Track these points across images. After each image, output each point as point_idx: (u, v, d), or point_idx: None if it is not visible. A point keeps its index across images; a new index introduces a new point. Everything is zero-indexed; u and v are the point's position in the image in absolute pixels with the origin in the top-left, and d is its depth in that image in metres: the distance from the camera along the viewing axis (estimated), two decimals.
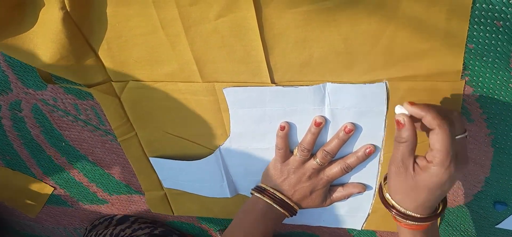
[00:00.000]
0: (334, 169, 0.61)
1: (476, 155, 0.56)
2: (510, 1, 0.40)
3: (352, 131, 0.57)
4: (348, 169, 0.60)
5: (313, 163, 0.60)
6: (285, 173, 0.62)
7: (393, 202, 0.52)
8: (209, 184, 0.71)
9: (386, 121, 0.54)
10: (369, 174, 0.62)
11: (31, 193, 0.87)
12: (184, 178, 0.72)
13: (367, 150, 0.58)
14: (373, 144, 0.58)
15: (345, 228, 0.76)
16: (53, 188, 0.85)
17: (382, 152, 0.58)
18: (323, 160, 0.60)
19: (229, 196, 0.72)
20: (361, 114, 0.54)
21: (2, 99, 0.67)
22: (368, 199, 0.66)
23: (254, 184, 0.67)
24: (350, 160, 0.59)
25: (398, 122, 0.48)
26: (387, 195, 0.53)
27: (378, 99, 0.52)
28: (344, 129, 0.57)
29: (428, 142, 0.47)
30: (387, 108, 0.53)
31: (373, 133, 0.56)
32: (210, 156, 0.66)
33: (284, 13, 0.46)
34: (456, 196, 0.63)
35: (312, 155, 0.60)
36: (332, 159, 0.60)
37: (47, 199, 0.88)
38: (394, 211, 0.52)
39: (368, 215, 0.69)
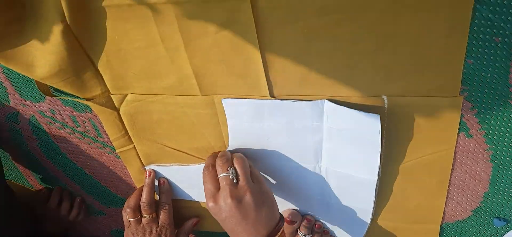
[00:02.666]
0: None
1: (475, 170, 0.56)
2: (508, 17, 0.40)
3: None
4: None
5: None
6: None
7: None
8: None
9: (383, 152, 0.54)
10: (366, 199, 0.62)
11: None
12: (181, 185, 0.72)
13: None
14: None
15: None
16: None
17: (378, 185, 0.58)
18: None
19: None
20: (356, 139, 0.54)
21: None
22: (365, 220, 0.66)
23: None
24: None
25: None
26: None
27: (373, 130, 0.52)
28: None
29: (430, 156, 0.47)
30: (383, 136, 0.53)
31: (368, 161, 0.56)
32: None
33: (284, 27, 0.46)
34: (455, 212, 0.63)
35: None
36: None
37: None
38: None
39: (366, 233, 0.69)
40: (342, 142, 0.56)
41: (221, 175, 0.57)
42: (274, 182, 0.66)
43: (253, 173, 0.59)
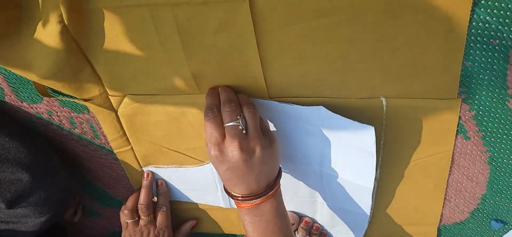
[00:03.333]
0: None
1: (472, 172, 0.56)
2: (506, 20, 0.40)
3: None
4: None
5: None
6: None
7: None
8: (203, 192, 0.71)
9: (381, 154, 0.54)
10: (363, 204, 0.62)
11: None
12: (178, 187, 0.71)
13: None
14: None
15: None
16: None
17: (375, 189, 0.59)
18: None
19: (223, 206, 0.72)
20: (353, 147, 0.54)
21: None
22: (363, 223, 0.66)
23: None
24: None
25: None
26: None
27: (367, 141, 0.52)
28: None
29: (428, 158, 0.47)
30: (381, 138, 0.53)
31: (365, 169, 0.56)
32: (204, 166, 0.65)
33: (282, 29, 0.46)
34: (453, 213, 0.63)
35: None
36: None
37: None
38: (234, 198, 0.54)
39: (363, 235, 0.69)
40: (339, 148, 0.56)
41: (229, 123, 0.50)
42: None
43: (263, 126, 0.55)
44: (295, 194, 0.66)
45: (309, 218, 0.70)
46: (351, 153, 0.55)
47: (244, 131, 0.51)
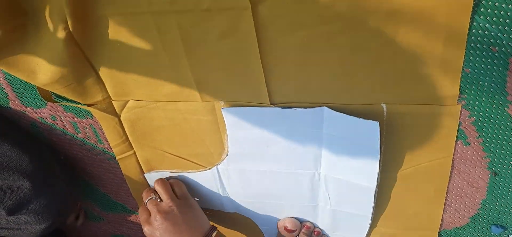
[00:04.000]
0: None
1: (472, 178, 0.57)
2: (505, 27, 0.41)
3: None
4: None
5: None
6: None
7: None
8: (207, 196, 0.71)
9: (381, 159, 0.55)
10: (365, 206, 0.62)
11: None
12: None
13: None
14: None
15: None
16: None
17: (377, 189, 0.59)
18: None
19: (225, 210, 0.72)
20: (356, 146, 0.55)
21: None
22: (364, 226, 0.66)
23: (252, 206, 0.68)
24: None
25: None
26: None
27: (372, 137, 0.52)
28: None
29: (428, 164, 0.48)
30: (381, 143, 0.53)
31: (368, 169, 0.57)
32: (206, 171, 0.66)
33: (284, 36, 0.47)
34: (453, 218, 0.63)
35: None
36: None
37: None
38: None
39: None
40: (341, 149, 0.56)
41: (146, 200, 0.64)
42: (272, 188, 0.66)
43: (179, 191, 0.66)
44: (296, 200, 0.67)
45: (310, 223, 0.70)
46: (354, 153, 0.56)
47: (158, 200, 0.64)
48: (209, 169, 0.65)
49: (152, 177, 0.70)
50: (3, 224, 0.62)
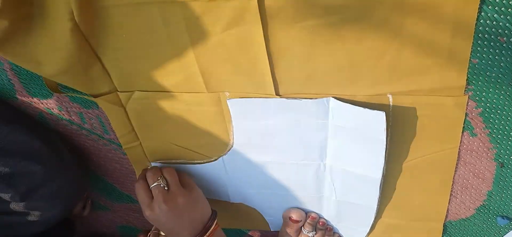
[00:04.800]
0: None
1: (478, 169, 0.57)
2: None
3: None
4: None
5: None
6: None
7: None
8: (212, 186, 0.71)
9: (387, 150, 0.55)
10: (370, 196, 0.63)
11: None
12: None
13: None
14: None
15: None
16: None
17: (382, 182, 0.59)
18: None
19: (231, 201, 0.73)
20: (362, 137, 0.55)
21: None
22: (370, 217, 0.66)
23: (258, 196, 0.68)
24: None
25: None
26: None
27: (378, 127, 0.52)
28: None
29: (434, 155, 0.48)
30: (388, 134, 0.53)
31: (373, 159, 0.57)
32: (213, 162, 0.66)
33: (290, 27, 0.46)
34: (458, 209, 0.63)
35: None
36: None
37: None
38: None
39: (369, 230, 0.69)
40: (347, 140, 0.56)
41: (153, 185, 0.61)
42: (278, 179, 0.66)
43: (184, 180, 0.64)
44: (301, 191, 0.67)
45: (315, 214, 0.70)
46: (360, 144, 0.56)
47: (166, 188, 0.61)
48: (215, 160, 0.66)
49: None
50: (16, 209, 0.63)
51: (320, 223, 0.71)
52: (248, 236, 0.84)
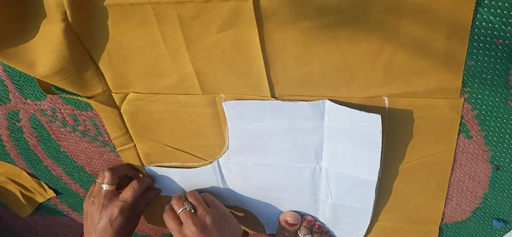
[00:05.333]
0: None
1: (474, 172, 0.56)
2: (509, 20, 0.40)
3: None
4: None
5: None
6: None
7: None
8: (207, 189, 0.71)
9: (383, 152, 0.54)
10: (366, 199, 0.62)
11: (29, 193, 0.85)
12: (181, 185, 0.72)
13: None
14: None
15: None
16: (55, 194, 0.84)
17: (378, 182, 0.59)
18: None
19: (226, 203, 0.72)
20: (357, 139, 0.54)
21: (0, 109, 0.66)
22: (365, 220, 0.66)
23: (253, 199, 0.68)
24: None
25: None
26: None
27: (374, 130, 0.52)
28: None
29: (430, 157, 0.50)
30: (383, 137, 0.53)
31: (369, 161, 0.56)
32: (207, 166, 0.66)
33: (285, 28, 0.46)
34: (454, 212, 0.63)
35: None
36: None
37: (43, 209, 0.88)
38: None
39: (365, 233, 0.69)
40: (342, 142, 0.56)
41: (179, 210, 0.63)
42: (274, 183, 0.66)
43: (208, 199, 0.66)
44: (297, 194, 0.66)
45: (311, 217, 0.70)
46: (356, 146, 0.55)
47: (192, 211, 0.63)
48: (210, 162, 0.65)
49: (152, 171, 0.70)
50: None
51: (316, 226, 0.70)
52: None
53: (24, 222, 0.94)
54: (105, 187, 0.66)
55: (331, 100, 0.52)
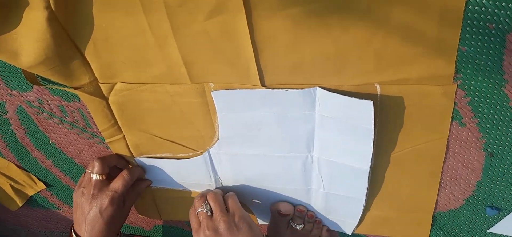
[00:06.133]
0: None
1: (467, 159, 0.56)
2: (502, 4, 0.40)
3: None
4: None
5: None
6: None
7: None
8: (196, 183, 0.70)
9: (375, 141, 0.54)
10: (359, 188, 0.62)
11: (19, 185, 0.84)
12: (171, 176, 0.71)
13: None
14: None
15: (336, 232, 0.75)
16: (45, 186, 0.83)
17: (370, 174, 0.58)
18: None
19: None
20: (349, 127, 0.54)
21: None
22: (358, 209, 0.65)
23: (244, 189, 0.67)
24: None
25: None
26: None
27: (365, 117, 0.51)
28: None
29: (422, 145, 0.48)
30: (375, 125, 0.52)
31: (361, 149, 0.56)
32: (198, 157, 0.65)
33: (274, 15, 0.45)
34: (448, 200, 0.63)
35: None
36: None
37: (34, 202, 0.87)
38: None
39: (358, 222, 0.69)
40: (334, 131, 0.55)
41: (198, 210, 0.63)
42: (264, 174, 0.65)
43: (229, 203, 0.64)
44: (289, 184, 0.66)
45: (303, 206, 0.69)
46: (347, 134, 0.55)
47: (209, 214, 0.62)
48: (201, 153, 0.64)
49: (142, 162, 0.69)
50: None
51: (309, 215, 0.70)
52: None
53: (15, 216, 0.93)
54: (94, 177, 0.65)
55: (322, 87, 0.51)
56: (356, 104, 0.50)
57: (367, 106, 0.50)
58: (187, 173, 0.68)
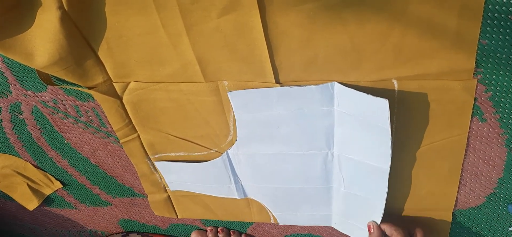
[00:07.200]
0: None
1: (488, 156, 0.55)
2: None
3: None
4: None
5: None
6: None
7: None
8: (216, 185, 0.70)
9: (393, 138, 0.52)
10: (378, 190, 0.60)
11: (36, 185, 0.85)
12: (190, 179, 0.71)
13: None
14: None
15: None
16: (62, 185, 0.83)
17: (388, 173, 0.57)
18: None
19: (237, 197, 0.71)
20: (367, 124, 0.52)
21: (1, 101, 0.66)
22: (378, 216, 0.64)
23: (264, 190, 0.67)
24: None
25: (368, 227, 0.64)
26: None
27: (382, 116, 0.50)
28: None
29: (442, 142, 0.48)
30: (393, 122, 0.51)
31: (380, 149, 0.54)
32: (217, 159, 0.64)
33: (288, 11, 0.44)
34: (468, 198, 0.61)
35: None
36: None
37: (51, 201, 0.88)
38: None
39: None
40: (353, 127, 0.54)
41: None
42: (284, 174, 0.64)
43: None
44: (309, 183, 0.65)
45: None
46: (366, 132, 0.53)
47: None
48: (215, 151, 0.64)
49: (161, 166, 0.69)
50: None
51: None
52: (251, 228, 0.83)
53: (32, 215, 0.94)
54: None
55: (340, 83, 0.50)
56: (372, 101, 0.49)
57: (383, 105, 0.49)
58: (206, 176, 0.68)
